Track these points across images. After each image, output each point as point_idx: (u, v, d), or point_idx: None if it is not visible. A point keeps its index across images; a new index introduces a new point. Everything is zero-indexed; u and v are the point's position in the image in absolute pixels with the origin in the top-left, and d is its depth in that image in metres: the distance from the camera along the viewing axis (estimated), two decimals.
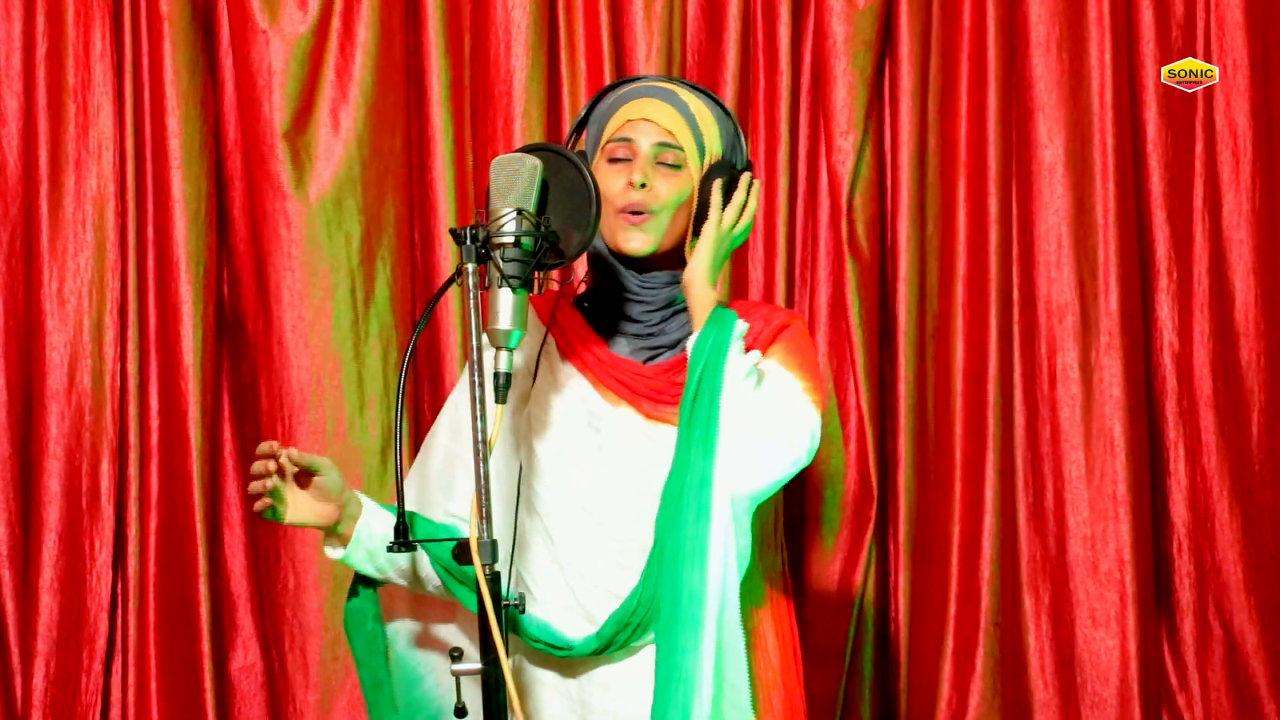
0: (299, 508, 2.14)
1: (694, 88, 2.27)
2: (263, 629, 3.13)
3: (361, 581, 2.24)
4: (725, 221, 2.20)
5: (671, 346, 2.22)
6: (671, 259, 2.22)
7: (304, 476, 2.15)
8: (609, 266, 2.23)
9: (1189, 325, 3.37)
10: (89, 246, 3.01)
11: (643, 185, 2.16)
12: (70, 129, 3.01)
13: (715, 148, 2.23)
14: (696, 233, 2.22)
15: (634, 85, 2.28)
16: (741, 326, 2.14)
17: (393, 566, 2.20)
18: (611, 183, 2.18)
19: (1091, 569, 3.30)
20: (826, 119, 3.24)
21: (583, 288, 2.30)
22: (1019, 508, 3.34)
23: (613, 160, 2.21)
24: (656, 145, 2.19)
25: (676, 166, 2.19)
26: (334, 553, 2.20)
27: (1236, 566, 3.35)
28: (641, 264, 2.22)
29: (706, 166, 2.21)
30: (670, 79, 2.31)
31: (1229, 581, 3.36)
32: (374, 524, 2.18)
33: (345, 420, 3.09)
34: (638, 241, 2.18)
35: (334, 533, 2.19)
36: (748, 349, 2.16)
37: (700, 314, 2.16)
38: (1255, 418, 3.36)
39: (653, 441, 2.16)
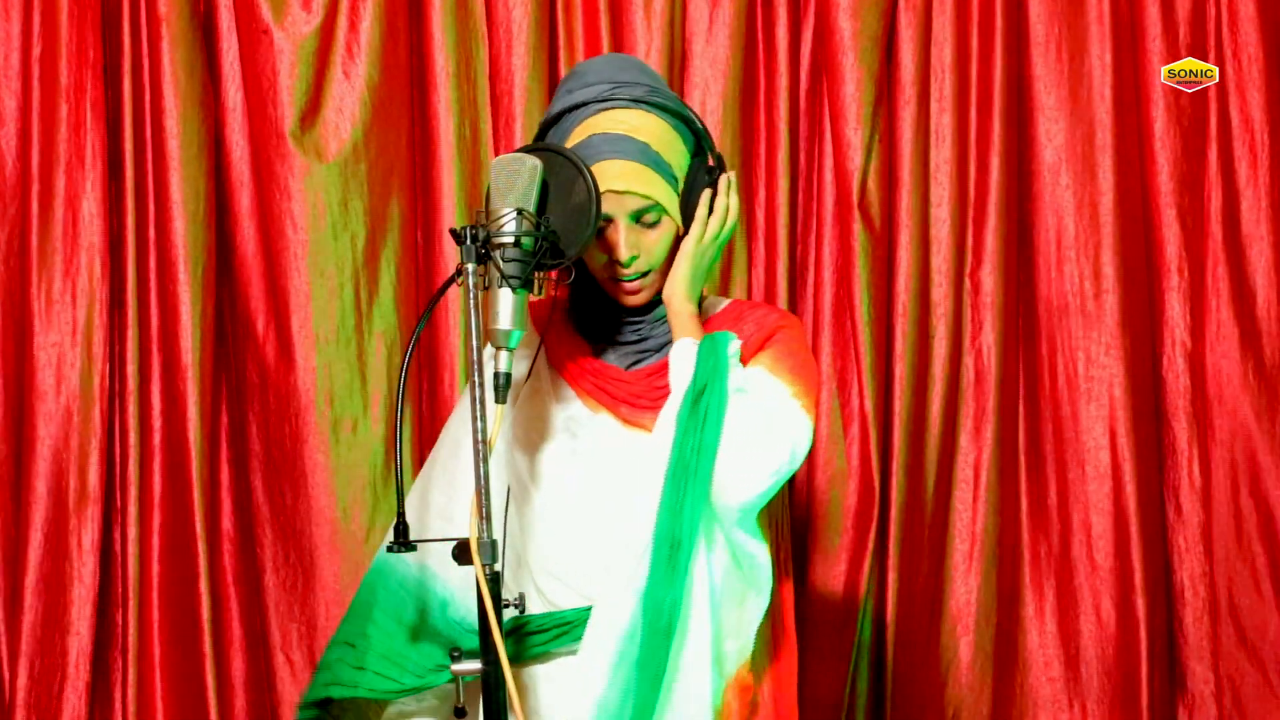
0: None
1: (643, 103, 2.15)
2: (267, 629, 3.14)
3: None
4: (708, 235, 2.17)
5: (656, 351, 2.21)
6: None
7: None
8: (592, 282, 2.22)
9: (1202, 323, 3.36)
10: (81, 248, 3.01)
11: (632, 259, 2.15)
12: (64, 130, 3.00)
13: (682, 164, 2.17)
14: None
15: (591, 131, 2.14)
16: (735, 345, 2.12)
17: None
18: (593, 255, 2.16)
19: (1094, 567, 3.30)
20: (834, 115, 3.23)
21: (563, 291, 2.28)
22: (1021, 506, 3.34)
23: None
24: (632, 213, 2.14)
25: (656, 222, 2.16)
26: None
27: (1250, 566, 3.34)
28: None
29: (682, 192, 2.17)
30: (617, 87, 2.17)
31: (1241, 581, 3.35)
32: None
33: (349, 420, 3.10)
34: (638, 298, 2.19)
35: None
36: (744, 357, 2.15)
37: (680, 328, 2.15)
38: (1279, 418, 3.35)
39: (629, 447, 2.15)
